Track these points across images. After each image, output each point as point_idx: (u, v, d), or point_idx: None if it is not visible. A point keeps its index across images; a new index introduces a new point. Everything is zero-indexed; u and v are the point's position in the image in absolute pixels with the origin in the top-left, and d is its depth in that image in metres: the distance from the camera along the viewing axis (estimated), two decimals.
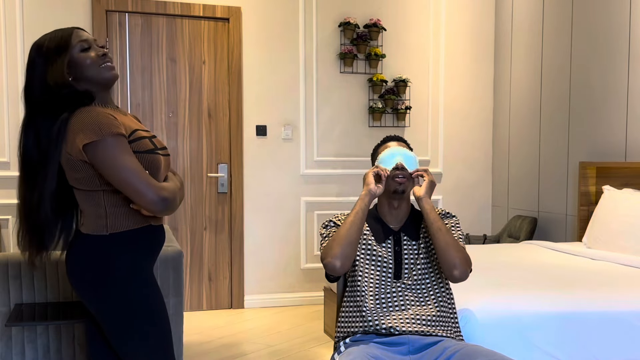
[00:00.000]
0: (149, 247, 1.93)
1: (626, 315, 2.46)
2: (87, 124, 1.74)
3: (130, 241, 1.85)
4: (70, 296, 2.66)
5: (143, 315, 1.84)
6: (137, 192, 1.73)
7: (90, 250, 1.84)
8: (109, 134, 1.73)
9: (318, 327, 4.23)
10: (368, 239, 2.14)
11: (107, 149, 1.73)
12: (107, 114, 1.79)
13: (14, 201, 4.46)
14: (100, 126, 1.74)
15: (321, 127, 5.01)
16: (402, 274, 2.09)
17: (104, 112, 1.80)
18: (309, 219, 5.00)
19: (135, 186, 1.72)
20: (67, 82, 1.81)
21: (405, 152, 2.17)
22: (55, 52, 1.81)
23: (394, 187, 2.13)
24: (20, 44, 4.35)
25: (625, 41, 3.91)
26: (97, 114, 1.77)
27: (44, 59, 1.81)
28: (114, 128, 1.75)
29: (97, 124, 1.74)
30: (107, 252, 1.82)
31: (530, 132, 4.93)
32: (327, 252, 2.03)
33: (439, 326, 2.04)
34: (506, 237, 4.82)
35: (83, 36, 1.86)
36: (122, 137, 1.76)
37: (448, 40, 5.28)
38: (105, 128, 1.73)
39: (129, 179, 1.72)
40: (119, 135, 1.75)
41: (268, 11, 4.86)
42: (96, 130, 1.73)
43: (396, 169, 2.13)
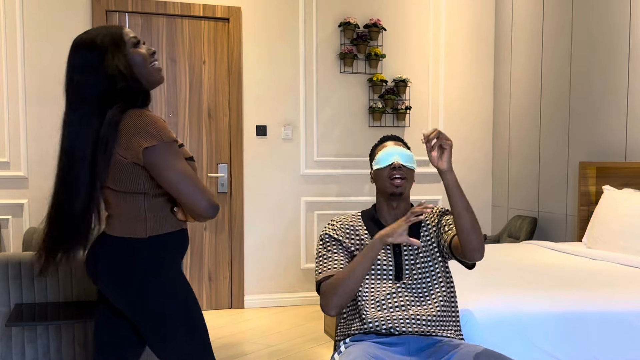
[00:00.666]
0: (182, 250, 1.95)
1: (626, 315, 2.46)
2: (145, 128, 1.74)
3: (168, 244, 1.86)
4: (70, 296, 2.66)
5: (183, 315, 1.85)
6: (191, 198, 1.74)
7: (126, 253, 1.82)
8: (168, 139, 1.75)
9: (318, 327, 4.23)
10: (367, 242, 2.13)
11: (166, 154, 1.74)
12: (161, 119, 1.81)
13: (14, 201, 4.50)
14: (159, 130, 1.74)
15: (321, 127, 5.01)
16: (402, 275, 2.08)
17: (157, 116, 1.81)
18: (309, 219, 5.00)
19: (190, 192, 1.74)
20: (129, 73, 1.79)
21: (402, 151, 2.15)
22: (113, 45, 1.79)
23: (391, 189, 2.11)
24: (20, 44, 4.35)
25: (625, 42, 3.91)
26: (154, 118, 1.78)
27: (99, 52, 1.78)
28: (170, 133, 1.77)
29: (155, 128, 1.74)
30: (146, 254, 1.82)
31: (530, 132, 4.93)
32: (323, 296, 2.01)
33: (439, 326, 2.04)
34: (506, 237, 4.82)
35: (132, 33, 1.86)
36: (176, 143, 1.79)
37: (448, 40, 5.28)
38: (163, 133, 1.75)
39: (185, 185, 1.74)
40: (174, 141, 1.77)
41: (268, 11, 4.86)
42: (155, 134, 1.73)
43: (393, 169, 2.11)
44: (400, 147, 2.18)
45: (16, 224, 4.38)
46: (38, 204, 4.39)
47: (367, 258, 1.99)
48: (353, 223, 2.18)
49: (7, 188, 4.36)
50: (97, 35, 1.80)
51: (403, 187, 2.11)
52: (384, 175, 2.13)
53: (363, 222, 2.18)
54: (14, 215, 4.38)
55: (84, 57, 1.79)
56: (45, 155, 4.41)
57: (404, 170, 2.12)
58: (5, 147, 4.35)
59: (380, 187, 2.15)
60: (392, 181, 2.10)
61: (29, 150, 4.39)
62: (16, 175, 4.37)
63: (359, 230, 2.16)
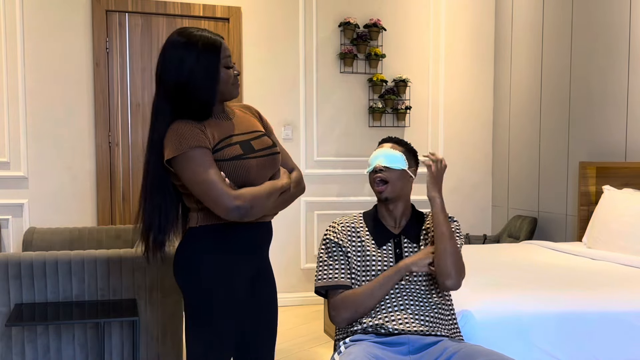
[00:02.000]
0: (232, 244, 1.93)
1: (626, 315, 2.46)
2: (171, 139, 1.82)
3: (215, 235, 1.90)
4: (70, 296, 2.67)
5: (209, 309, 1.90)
6: (212, 203, 1.79)
7: (183, 241, 1.95)
8: (188, 147, 1.79)
9: (318, 327, 4.23)
10: (369, 244, 2.13)
11: (184, 163, 1.79)
12: (192, 127, 1.83)
13: (14, 201, 4.50)
14: (180, 140, 1.80)
15: (321, 127, 5.01)
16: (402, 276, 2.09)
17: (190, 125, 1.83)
18: (309, 219, 5.01)
19: (209, 197, 1.78)
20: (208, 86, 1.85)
21: (388, 152, 2.12)
22: (209, 54, 1.86)
23: (377, 195, 2.14)
24: (20, 44, 4.35)
25: (625, 41, 3.91)
26: (183, 127, 1.82)
27: (196, 55, 1.84)
28: (193, 141, 1.80)
29: (178, 138, 1.80)
30: (194, 243, 1.91)
31: (531, 132, 4.93)
32: (335, 309, 2.03)
33: (438, 325, 2.04)
34: (506, 237, 4.82)
35: (228, 52, 1.92)
36: (201, 148, 1.80)
37: (448, 40, 5.29)
38: (184, 142, 1.79)
39: (204, 191, 1.79)
40: (197, 147, 1.80)
41: (268, 11, 4.86)
42: (177, 145, 1.80)
43: (374, 172, 2.11)
44: (388, 149, 2.14)
45: (16, 224, 4.38)
46: (38, 204, 4.39)
47: (389, 281, 2.03)
48: (355, 224, 2.18)
49: (7, 188, 4.36)
50: (197, 40, 1.86)
51: (387, 192, 2.11)
52: (370, 180, 2.17)
53: (365, 223, 2.19)
54: (14, 215, 4.38)
55: (181, 57, 1.85)
56: (45, 155, 4.41)
57: (388, 173, 2.10)
58: (5, 147, 4.35)
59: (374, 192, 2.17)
60: (375, 186, 2.13)
61: (29, 150, 4.39)
62: (16, 175, 4.37)
63: (361, 231, 2.16)
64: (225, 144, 1.87)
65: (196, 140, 1.80)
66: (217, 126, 1.89)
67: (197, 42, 1.84)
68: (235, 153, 1.87)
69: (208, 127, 1.86)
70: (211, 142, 1.84)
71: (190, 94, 1.84)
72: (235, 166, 1.86)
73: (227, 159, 1.85)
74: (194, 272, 1.90)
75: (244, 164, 1.87)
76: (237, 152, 1.88)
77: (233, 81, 1.93)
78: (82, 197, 4.49)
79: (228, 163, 1.85)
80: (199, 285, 1.89)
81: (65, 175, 4.45)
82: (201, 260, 1.89)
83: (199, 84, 1.84)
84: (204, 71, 1.84)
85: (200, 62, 1.83)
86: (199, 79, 1.83)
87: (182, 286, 1.93)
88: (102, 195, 4.51)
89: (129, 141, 4.59)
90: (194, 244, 1.91)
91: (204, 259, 1.89)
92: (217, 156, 1.84)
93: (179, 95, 1.84)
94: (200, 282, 1.89)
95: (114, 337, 2.73)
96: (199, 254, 1.90)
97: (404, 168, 2.11)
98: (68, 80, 4.46)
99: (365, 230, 2.16)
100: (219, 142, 1.86)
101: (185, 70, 1.83)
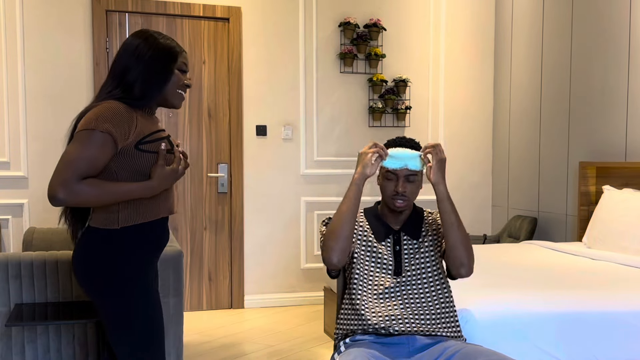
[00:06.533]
0: (157, 242, 1.95)
1: (626, 315, 2.46)
2: (93, 113, 1.80)
3: (140, 235, 1.88)
4: (70, 296, 2.67)
5: (144, 313, 1.88)
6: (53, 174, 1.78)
7: (98, 244, 1.86)
8: (96, 128, 1.77)
9: (318, 327, 4.23)
10: (368, 237, 2.14)
11: (78, 139, 1.79)
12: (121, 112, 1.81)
13: (14, 201, 4.50)
14: (96, 118, 1.78)
15: (321, 127, 5.01)
16: (402, 270, 2.09)
17: (122, 109, 1.82)
18: (309, 219, 5.01)
19: (56, 169, 1.79)
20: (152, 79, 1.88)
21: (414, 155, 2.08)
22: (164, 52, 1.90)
23: (392, 207, 2.11)
24: (20, 44, 4.35)
25: (625, 41, 3.91)
26: (113, 108, 1.81)
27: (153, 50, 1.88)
28: (106, 123, 1.78)
29: (97, 114, 1.79)
30: (117, 246, 1.85)
31: (530, 132, 4.93)
32: (323, 247, 2.04)
33: (439, 324, 2.04)
34: (506, 237, 4.82)
35: (187, 62, 1.97)
36: (105, 134, 1.78)
37: (448, 40, 5.28)
38: (98, 121, 1.78)
39: (60, 162, 1.78)
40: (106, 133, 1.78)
41: (268, 11, 4.86)
42: (89, 121, 1.79)
43: (396, 194, 2.07)
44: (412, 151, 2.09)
45: (16, 224, 4.38)
46: (38, 204, 4.39)
47: (352, 194, 2.02)
48: (357, 220, 2.19)
49: (7, 188, 4.36)
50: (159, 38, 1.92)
51: (404, 208, 2.11)
52: (389, 191, 2.10)
53: (366, 219, 2.19)
54: (14, 215, 4.38)
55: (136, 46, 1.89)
56: (45, 155, 4.41)
57: (411, 188, 2.07)
58: (5, 147, 4.35)
59: (384, 198, 2.15)
60: (394, 201, 2.09)
61: (29, 150, 4.39)
62: (16, 175, 4.37)
63: (362, 226, 2.17)
64: (156, 136, 1.89)
65: (107, 123, 1.78)
66: (148, 120, 1.91)
67: (158, 39, 1.91)
68: (168, 147, 1.91)
69: (140, 118, 1.87)
70: (133, 134, 1.83)
71: (136, 81, 1.86)
72: (170, 159, 1.90)
73: (157, 151, 1.87)
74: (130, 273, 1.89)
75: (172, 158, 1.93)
76: (168, 147, 1.92)
77: (181, 86, 1.95)
78: None
79: (167, 155, 1.88)
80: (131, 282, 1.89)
81: None
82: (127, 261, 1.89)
83: (149, 74, 1.87)
84: (158, 64, 1.88)
85: (157, 55, 1.88)
86: (151, 69, 1.87)
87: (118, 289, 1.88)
88: None
89: None
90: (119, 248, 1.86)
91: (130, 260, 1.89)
92: (146, 147, 1.85)
93: (124, 80, 1.87)
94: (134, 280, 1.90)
95: None
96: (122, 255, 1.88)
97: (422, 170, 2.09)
98: (68, 80, 4.46)
99: (366, 224, 2.17)
100: (149, 134, 1.87)
101: (140, 58, 1.87)
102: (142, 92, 1.88)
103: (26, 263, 2.61)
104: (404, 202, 2.08)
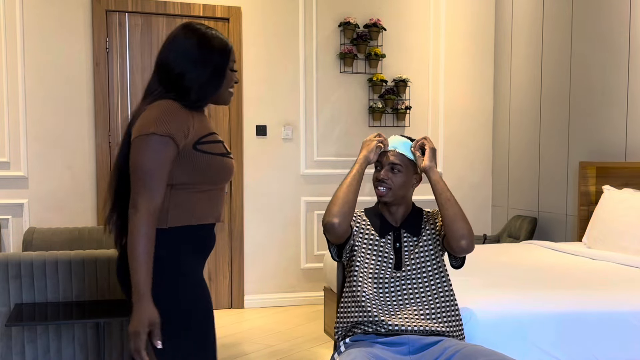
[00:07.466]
0: (203, 246, 1.91)
1: (626, 315, 2.46)
2: (149, 115, 1.74)
3: (188, 237, 1.83)
4: (70, 296, 2.67)
5: (188, 317, 1.81)
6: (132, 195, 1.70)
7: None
8: (156, 131, 1.70)
9: (318, 327, 4.23)
10: (370, 232, 2.15)
11: (139, 146, 1.71)
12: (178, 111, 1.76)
13: (14, 201, 4.50)
14: (155, 121, 1.72)
15: (321, 127, 5.01)
16: (402, 264, 2.09)
17: (178, 108, 1.77)
18: (309, 219, 5.01)
19: (134, 187, 1.70)
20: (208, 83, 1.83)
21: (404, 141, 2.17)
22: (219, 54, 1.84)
23: (377, 196, 2.15)
24: (21, 44, 4.35)
25: (625, 41, 3.91)
26: (169, 107, 1.76)
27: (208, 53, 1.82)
28: (167, 126, 1.72)
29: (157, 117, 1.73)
30: (164, 245, 1.77)
31: (530, 132, 4.93)
32: (325, 213, 2.06)
33: (439, 319, 2.04)
34: (506, 237, 4.82)
35: (235, 58, 1.91)
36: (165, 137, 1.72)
37: (448, 40, 5.28)
38: (157, 124, 1.71)
39: (134, 177, 1.71)
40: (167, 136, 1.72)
41: (268, 11, 4.86)
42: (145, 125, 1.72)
43: (377, 180, 2.14)
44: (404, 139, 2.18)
45: (16, 224, 4.38)
46: (38, 204, 4.39)
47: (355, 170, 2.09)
48: (357, 220, 2.19)
49: (7, 188, 4.36)
50: (210, 36, 1.84)
51: (388, 197, 2.13)
52: (374, 179, 2.18)
53: (367, 218, 2.20)
54: (14, 215, 4.38)
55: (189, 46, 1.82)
56: (45, 155, 4.41)
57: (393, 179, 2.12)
58: (5, 147, 4.35)
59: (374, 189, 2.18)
60: (377, 189, 2.15)
61: (29, 150, 4.39)
62: (16, 175, 4.37)
63: (364, 223, 2.18)
64: (212, 139, 1.84)
65: (173, 128, 1.73)
66: (202, 120, 1.87)
67: (211, 39, 1.83)
68: (223, 150, 1.87)
69: (196, 116, 1.83)
70: (191, 133, 1.78)
71: (192, 87, 1.81)
72: (223, 163, 1.85)
73: (216, 154, 1.83)
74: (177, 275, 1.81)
75: (228, 162, 1.88)
76: (223, 150, 1.88)
77: (231, 86, 1.92)
78: (82, 197, 4.49)
79: (216, 158, 1.83)
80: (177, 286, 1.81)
81: (65, 175, 4.45)
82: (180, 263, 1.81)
83: (206, 78, 1.82)
84: (213, 68, 1.83)
85: (212, 58, 1.82)
86: (207, 74, 1.82)
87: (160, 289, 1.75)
88: (102, 195, 4.51)
89: None
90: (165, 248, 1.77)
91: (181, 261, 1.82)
92: (204, 148, 1.80)
93: (179, 85, 1.81)
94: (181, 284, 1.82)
95: (114, 337, 2.73)
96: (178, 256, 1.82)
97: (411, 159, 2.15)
98: (68, 80, 4.46)
99: (367, 221, 2.18)
100: (205, 135, 1.83)
101: (196, 63, 1.81)
102: (198, 96, 1.83)
103: (26, 263, 2.61)
104: (385, 189, 2.12)
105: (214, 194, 1.88)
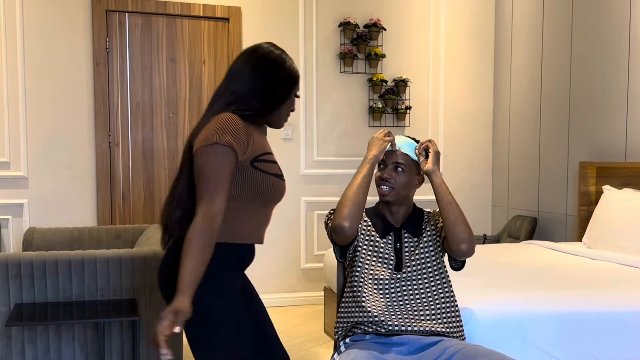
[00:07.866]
0: (242, 264, 1.93)
1: (626, 315, 2.46)
2: (207, 127, 1.76)
3: (230, 254, 1.84)
4: (70, 296, 2.67)
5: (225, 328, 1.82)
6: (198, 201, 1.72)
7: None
8: (218, 141, 1.73)
9: (318, 327, 4.23)
10: (371, 232, 2.15)
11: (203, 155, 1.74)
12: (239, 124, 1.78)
13: (14, 201, 4.50)
14: (216, 131, 1.74)
15: (321, 127, 5.01)
16: (402, 265, 2.09)
17: (239, 122, 1.79)
18: (309, 219, 5.01)
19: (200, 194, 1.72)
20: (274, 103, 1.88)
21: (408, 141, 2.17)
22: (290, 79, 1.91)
23: (379, 196, 2.15)
24: (20, 44, 4.35)
25: (625, 41, 3.91)
26: (232, 120, 1.78)
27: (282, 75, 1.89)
28: (227, 136, 1.74)
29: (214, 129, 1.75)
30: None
31: (530, 132, 4.93)
32: (335, 214, 2.05)
33: (439, 320, 2.04)
34: (506, 237, 4.82)
35: (299, 87, 1.97)
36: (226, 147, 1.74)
37: (448, 40, 5.28)
38: (218, 134, 1.74)
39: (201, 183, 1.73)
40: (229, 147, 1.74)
41: (268, 11, 4.86)
42: (209, 135, 1.74)
43: (380, 179, 2.13)
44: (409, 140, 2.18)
45: (16, 224, 4.38)
46: (38, 204, 4.39)
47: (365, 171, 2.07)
48: None
49: (7, 188, 4.36)
50: (285, 62, 1.93)
51: (390, 197, 2.13)
52: (377, 179, 2.17)
53: (368, 218, 2.20)
54: (14, 215, 4.38)
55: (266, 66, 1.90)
56: (45, 155, 4.41)
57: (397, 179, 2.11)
58: (5, 147, 4.35)
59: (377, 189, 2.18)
60: (379, 188, 2.14)
61: (29, 150, 4.39)
62: (16, 175, 4.37)
63: (365, 223, 2.17)
64: (268, 158, 1.87)
65: (234, 139, 1.75)
66: (262, 138, 1.90)
67: (285, 63, 1.92)
68: (278, 171, 1.90)
69: (256, 133, 1.86)
70: (250, 148, 1.80)
71: (264, 107, 1.86)
72: (276, 183, 1.88)
73: (271, 174, 1.85)
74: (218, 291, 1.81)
75: (282, 184, 1.92)
76: (278, 171, 1.91)
77: (292, 109, 1.96)
78: (82, 197, 4.49)
79: (271, 178, 1.85)
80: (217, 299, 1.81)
81: (65, 175, 4.45)
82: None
83: (274, 100, 1.87)
84: (283, 86, 1.89)
85: (284, 82, 1.89)
86: (276, 96, 1.88)
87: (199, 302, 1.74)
88: (102, 195, 4.51)
89: (129, 141, 4.59)
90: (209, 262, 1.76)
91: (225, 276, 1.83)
92: (261, 166, 1.82)
93: (249, 102, 1.84)
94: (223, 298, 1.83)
95: (114, 337, 2.73)
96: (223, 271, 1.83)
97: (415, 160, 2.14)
98: (68, 80, 4.46)
99: (368, 221, 2.18)
100: (263, 153, 1.85)
101: (271, 83, 1.87)
102: (261, 108, 1.86)
103: (26, 263, 2.61)
104: (387, 188, 2.12)
105: (260, 214, 1.91)
